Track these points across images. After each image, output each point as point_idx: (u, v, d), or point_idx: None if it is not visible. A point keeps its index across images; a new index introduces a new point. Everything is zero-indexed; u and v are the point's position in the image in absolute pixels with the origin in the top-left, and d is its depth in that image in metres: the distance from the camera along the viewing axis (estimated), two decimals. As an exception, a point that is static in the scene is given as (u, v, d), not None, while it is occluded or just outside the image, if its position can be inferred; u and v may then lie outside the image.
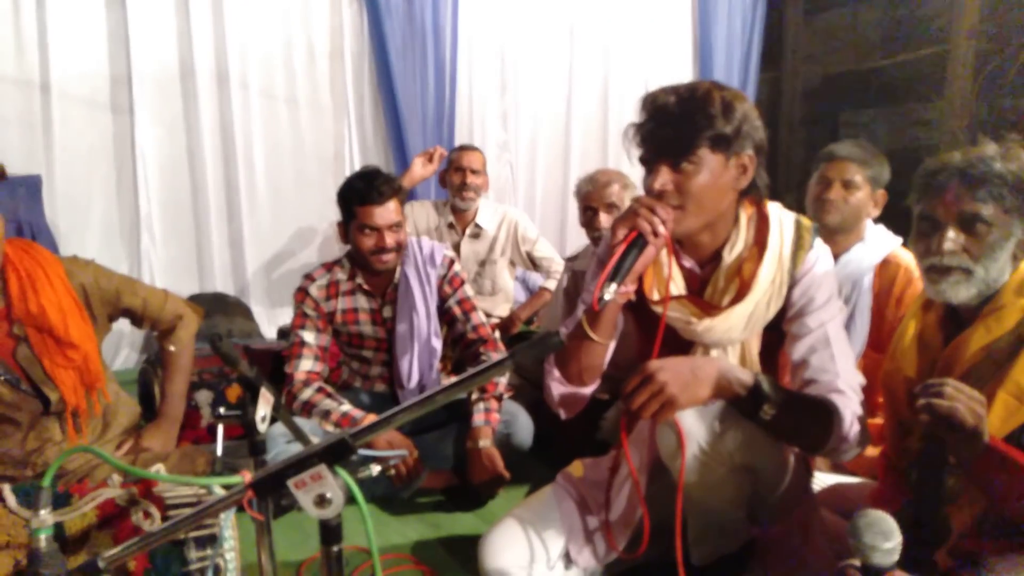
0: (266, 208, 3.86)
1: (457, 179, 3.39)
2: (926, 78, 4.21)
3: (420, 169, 3.52)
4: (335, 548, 0.94)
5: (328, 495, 0.89)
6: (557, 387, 1.52)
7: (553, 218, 4.66)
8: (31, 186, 3.01)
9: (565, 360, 1.50)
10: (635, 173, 1.83)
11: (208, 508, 0.96)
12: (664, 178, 1.36)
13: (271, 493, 0.93)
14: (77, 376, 1.77)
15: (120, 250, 3.56)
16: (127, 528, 1.43)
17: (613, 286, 1.30)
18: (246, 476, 0.94)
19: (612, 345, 1.52)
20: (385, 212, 2.16)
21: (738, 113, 1.36)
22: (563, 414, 1.57)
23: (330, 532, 0.93)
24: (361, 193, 2.16)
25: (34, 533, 0.99)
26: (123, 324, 2.10)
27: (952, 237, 1.35)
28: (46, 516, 1.00)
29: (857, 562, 0.97)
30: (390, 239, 2.17)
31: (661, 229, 1.34)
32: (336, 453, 0.91)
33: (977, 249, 1.34)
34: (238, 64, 3.68)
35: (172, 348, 2.01)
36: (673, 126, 1.35)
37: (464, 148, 3.50)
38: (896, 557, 0.96)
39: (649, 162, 1.40)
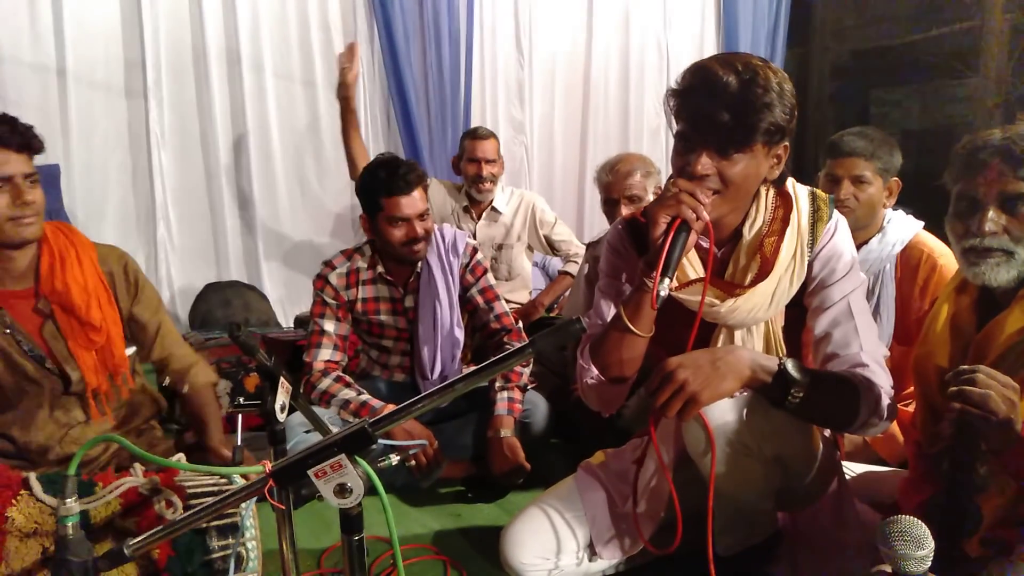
0: (281, 194, 3.86)
1: (472, 170, 3.31)
2: (960, 53, 4.10)
3: (349, 76, 3.27)
4: (356, 537, 0.93)
5: (348, 484, 0.89)
6: (594, 384, 1.46)
7: (571, 199, 4.61)
8: (49, 176, 3.00)
9: (604, 356, 1.44)
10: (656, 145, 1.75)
11: (229, 498, 0.95)
12: (707, 163, 1.29)
13: (291, 483, 0.93)
14: (99, 358, 1.79)
15: (137, 239, 3.58)
16: (150, 516, 1.43)
17: (667, 281, 1.24)
18: (266, 466, 0.94)
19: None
20: (413, 201, 2.13)
21: (790, 101, 1.29)
22: (603, 410, 1.53)
23: (351, 521, 0.93)
24: (387, 184, 2.12)
25: (61, 521, 0.99)
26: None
27: (993, 217, 1.31)
28: (72, 504, 1.00)
29: (888, 568, 0.94)
30: (420, 228, 2.15)
31: (705, 215, 1.29)
32: (356, 442, 0.90)
33: (1018, 230, 1.30)
34: (249, 45, 3.66)
35: (186, 388, 1.95)
36: (731, 111, 1.25)
37: (477, 136, 3.35)
38: (928, 564, 0.93)
39: (691, 141, 1.31)
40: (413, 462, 2.08)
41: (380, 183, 2.13)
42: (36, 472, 1.48)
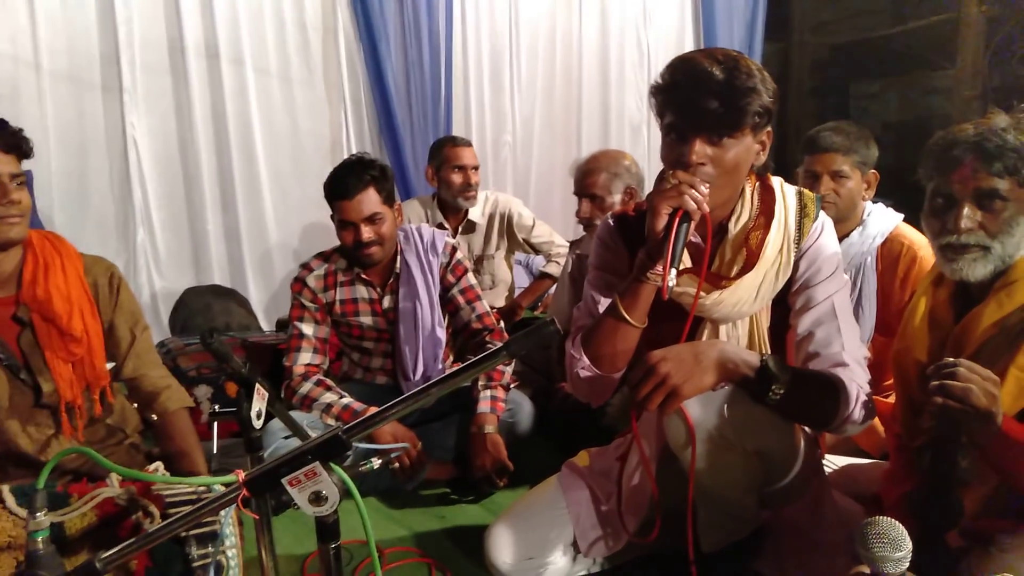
0: (265, 197, 3.80)
1: (459, 179, 3.22)
2: (937, 46, 4.12)
3: None
4: (332, 545, 0.92)
5: (323, 492, 0.87)
6: (586, 374, 1.46)
7: (556, 198, 4.57)
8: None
9: (597, 346, 1.44)
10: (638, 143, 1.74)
11: (202, 508, 0.94)
12: (702, 151, 1.30)
13: (267, 491, 0.91)
14: (76, 371, 1.75)
15: (118, 244, 3.52)
16: (128, 527, 1.41)
17: (674, 271, 1.25)
18: (240, 475, 0.92)
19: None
20: (357, 205, 2.09)
21: (771, 86, 1.32)
22: (592, 401, 1.52)
23: (326, 529, 0.91)
24: (332, 187, 2.12)
25: (30, 536, 0.97)
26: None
27: (968, 214, 1.32)
28: (42, 518, 0.98)
29: (867, 569, 0.94)
30: (366, 233, 2.11)
31: (705, 206, 1.29)
32: (330, 449, 0.89)
33: (994, 225, 1.31)
34: (228, 41, 3.58)
35: (153, 416, 1.87)
36: (719, 98, 1.27)
37: (458, 143, 3.30)
38: (906, 564, 0.93)
39: (682, 132, 1.33)
40: (397, 464, 2.07)
41: (328, 186, 2.14)
42: (10, 484, 1.46)
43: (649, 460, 1.47)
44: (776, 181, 1.49)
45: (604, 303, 1.48)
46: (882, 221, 2.19)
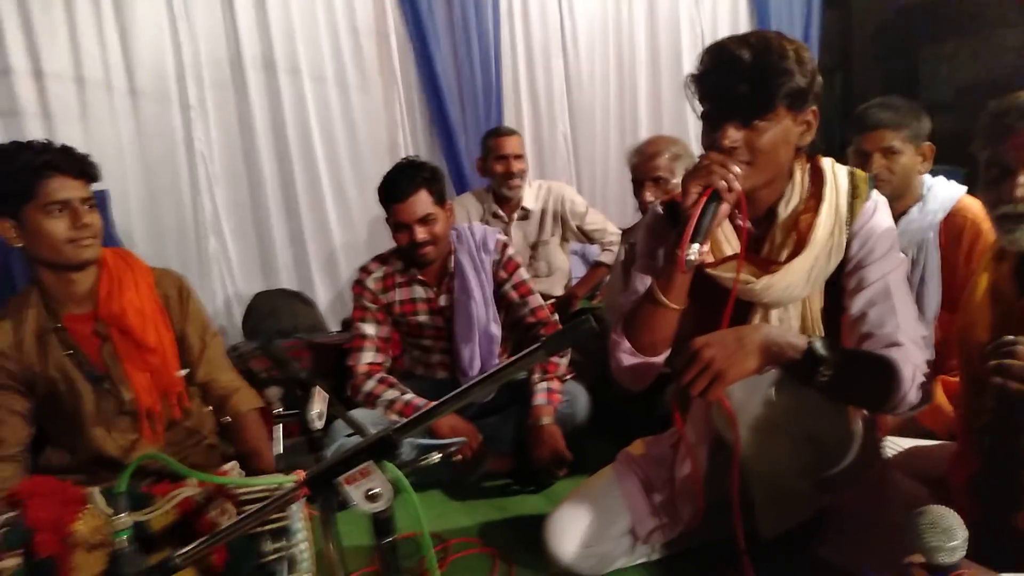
0: (325, 201, 3.90)
1: (501, 168, 3.28)
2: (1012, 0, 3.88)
3: None
4: (388, 540, 0.96)
5: (376, 490, 0.92)
6: (627, 358, 1.49)
7: (613, 187, 4.55)
8: (100, 201, 3.11)
9: (636, 330, 1.47)
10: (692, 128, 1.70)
11: (265, 507, 1.00)
12: (735, 135, 1.31)
13: (325, 489, 0.97)
14: (153, 379, 1.86)
15: (191, 254, 3.67)
16: (206, 523, 1.49)
17: (696, 246, 1.27)
18: (300, 474, 0.98)
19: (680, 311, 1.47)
20: (410, 207, 2.14)
21: (810, 65, 1.32)
22: (634, 386, 1.54)
23: (381, 525, 0.95)
24: (386, 191, 2.18)
25: (114, 535, 1.05)
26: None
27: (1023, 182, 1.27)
28: (124, 519, 1.06)
29: (920, 558, 0.93)
30: (420, 233, 2.16)
31: (736, 185, 1.30)
32: (382, 448, 0.93)
33: None
34: (284, 51, 3.69)
35: (226, 418, 1.96)
36: (749, 81, 1.28)
37: (501, 133, 3.34)
38: (962, 554, 0.91)
39: (716, 118, 1.34)
40: (459, 457, 2.12)
41: (382, 190, 2.20)
42: (100, 486, 1.56)
43: (698, 446, 1.47)
44: (827, 162, 1.47)
45: None
46: (944, 194, 2.11)
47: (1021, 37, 3.97)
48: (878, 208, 1.45)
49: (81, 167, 1.75)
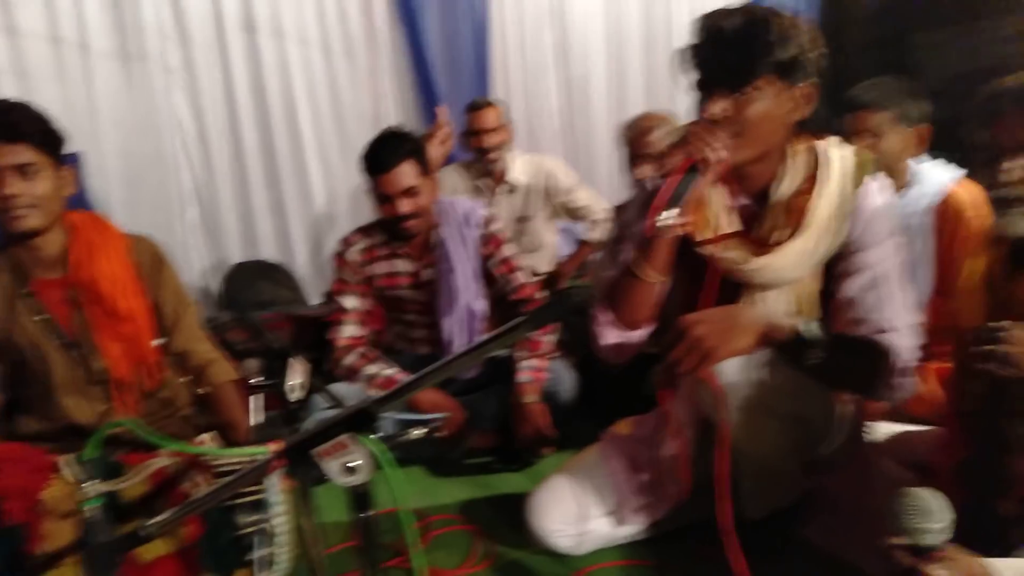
0: (308, 171, 3.84)
1: (475, 143, 3.22)
2: (1012, -14, 3.86)
3: (435, 150, 3.17)
4: (365, 514, 0.94)
5: (353, 463, 0.89)
6: (607, 332, 1.48)
7: (604, 162, 4.51)
8: (73, 165, 3.02)
9: (615, 303, 1.45)
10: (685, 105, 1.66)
11: (237, 479, 0.97)
12: (721, 105, 1.29)
13: (301, 462, 0.93)
14: (126, 349, 1.81)
15: (170, 221, 3.60)
16: (180, 495, 1.47)
17: (671, 212, 1.26)
18: (274, 446, 0.95)
19: (661, 286, 1.46)
20: (393, 179, 2.10)
21: (801, 38, 1.30)
22: (612, 360, 1.53)
23: (359, 499, 0.93)
24: (369, 161, 2.13)
25: (82, 504, 1.02)
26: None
27: (1011, 167, 1.25)
28: (91, 487, 1.03)
29: (904, 541, 0.91)
30: (404, 206, 2.12)
31: (717, 155, 1.28)
32: (360, 421, 0.90)
33: None
34: (266, 10, 3.59)
35: (203, 389, 1.92)
36: (735, 50, 1.28)
37: (475, 107, 3.27)
38: (946, 536, 0.89)
39: (705, 88, 1.33)
40: (441, 433, 2.09)
41: (365, 161, 2.15)
42: (70, 455, 1.52)
43: (685, 426, 1.45)
44: (829, 143, 1.45)
45: None
46: (937, 179, 2.09)
47: (1014, 25, 3.97)
48: (879, 192, 1.43)
49: (14, 131, 1.62)
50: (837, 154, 1.43)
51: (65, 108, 3.20)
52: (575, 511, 1.60)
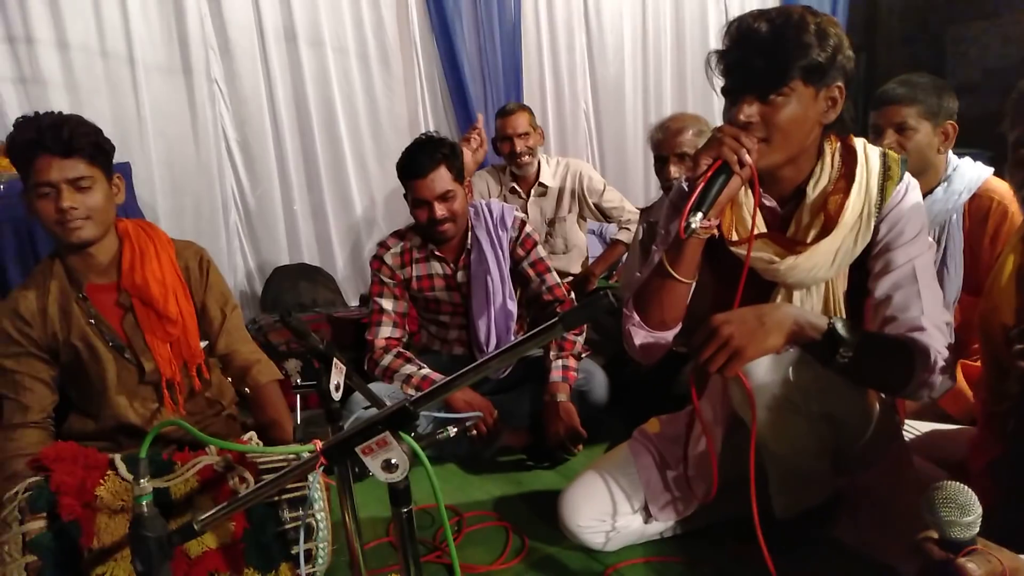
0: (348, 176, 3.91)
1: (506, 147, 3.27)
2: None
3: (470, 156, 3.19)
4: (405, 509, 0.97)
5: (394, 460, 0.92)
6: (637, 332, 1.49)
7: (635, 165, 4.52)
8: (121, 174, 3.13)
9: (646, 304, 1.46)
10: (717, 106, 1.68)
11: (283, 476, 1.02)
12: (750, 110, 1.30)
13: (343, 459, 0.98)
14: (174, 350, 1.88)
15: (214, 227, 3.70)
16: (226, 491, 1.52)
17: (699, 215, 1.26)
18: (317, 444, 0.99)
19: (692, 286, 1.47)
20: (430, 184, 2.14)
21: (832, 40, 1.30)
22: (643, 360, 1.54)
23: (398, 495, 0.96)
24: (406, 167, 2.17)
25: (135, 500, 1.07)
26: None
27: None
28: (145, 484, 1.08)
29: (935, 534, 0.93)
30: (440, 210, 2.16)
31: (747, 158, 1.29)
32: (400, 419, 0.94)
33: None
34: (305, 19, 3.67)
35: (247, 389, 1.97)
36: (764, 55, 1.27)
37: (505, 112, 3.31)
38: (976, 530, 0.90)
39: (734, 93, 1.33)
40: (474, 432, 2.14)
41: (402, 166, 2.19)
42: (122, 453, 1.60)
43: (715, 424, 1.47)
44: (859, 142, 1.45)
45: None
46: (969, 175, 2.06)
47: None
48: (909, 190, 1.42)
49: (68, 146, 1.67)
50: (869, 153, 1.43)
51: (113, 120, 3.33)
52: (606, 507, 1.63)
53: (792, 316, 1.30)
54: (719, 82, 1.37)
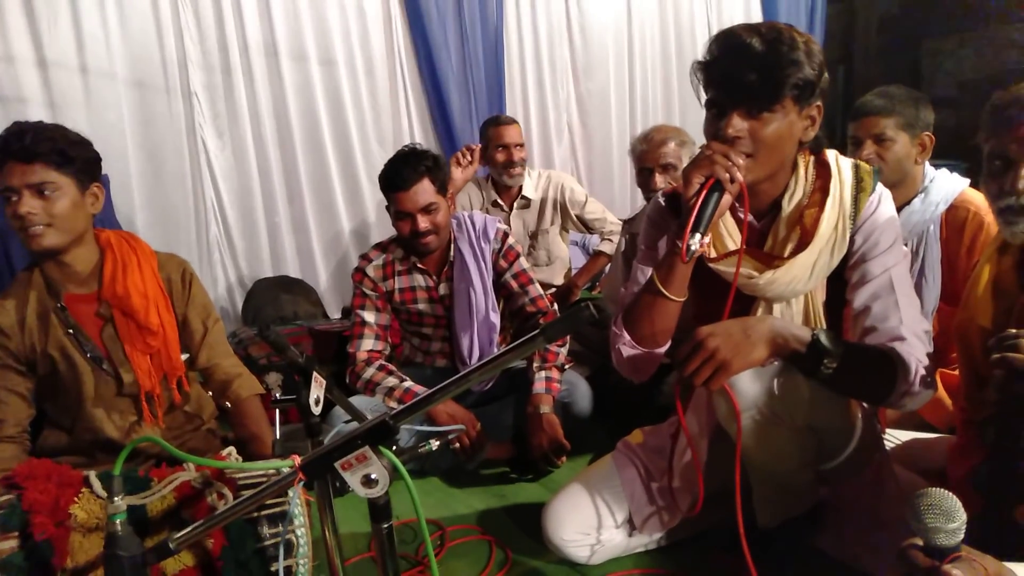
0: (332, 188, 3.89)
1: (502, 157, 3.28)
2: (1020, -4, 3.87)
3: (459, 173, 3.22)
4: (385, 525, 0.96)
5: (373, 475, 0.91)
6: (628, 350, 1.48)
7: (618, 177, 4.54)
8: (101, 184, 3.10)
9: (636, 321, 1.46)
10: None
11: (261, 492, 1.00)
12: (740, 124, 1.30)
13: (322, 474, 0.97)
14: (154, 363, 1.86)
15: (194, 239, 3.66)
16: (204, 508, 1.50)
17: (697, 236, 1.27)
18: (296, 459, 0.98)
19: (682, 303, 1.46)
20: (413, 196, 2.13)
21: (818, 59, 1.31)
22: (634, 378, 1.54)
23: (378, 510, 0.95)
24: (388, 179, 2.16)
25: (109, 518, 1.05)
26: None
27: None
28: (119, 502, 1.06)
29: (920, 541, 0.93)
30: (423, 223, 2.15)
31: (738, 176, 1.29)
32: (379, 434, 0.93)
33: None
34: (287, 30, 3.66)
35: (227, 403, 1.96)
36: (759, 71, 1.27)
37: (501, 122, 3.33)
38: (961, 537, 0.90)
39: (721, 106, 1.33)
40: (457, 445, 2.12)
41: (384, 178, 2.18)
42: (97, 470, 1.57)
43: (699, 436, 1.47)
44: (831, 155, 1.46)
45: None
46: (946, 187, 2.10)
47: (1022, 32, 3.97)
48: (882, 201, 1.44)
49: (29, 151, 1.64)
50: (842, 165, 1.45)
51: (92, 134, 3.26)
52: (590, 520, 1.62)
53: (777, 329, 1.30)
54: (703, 94, 1.37)
